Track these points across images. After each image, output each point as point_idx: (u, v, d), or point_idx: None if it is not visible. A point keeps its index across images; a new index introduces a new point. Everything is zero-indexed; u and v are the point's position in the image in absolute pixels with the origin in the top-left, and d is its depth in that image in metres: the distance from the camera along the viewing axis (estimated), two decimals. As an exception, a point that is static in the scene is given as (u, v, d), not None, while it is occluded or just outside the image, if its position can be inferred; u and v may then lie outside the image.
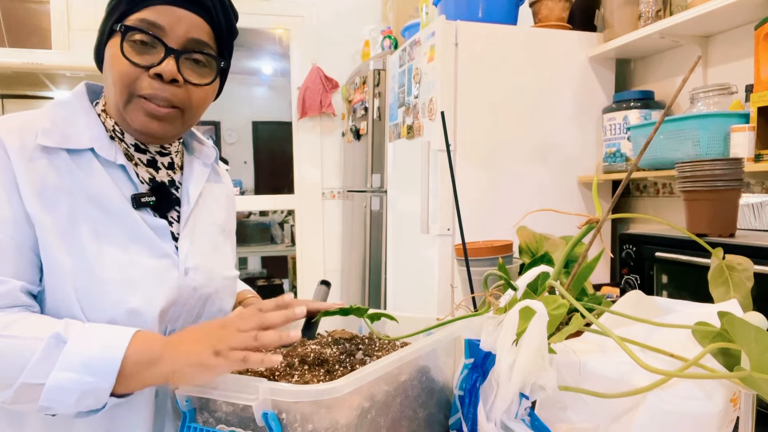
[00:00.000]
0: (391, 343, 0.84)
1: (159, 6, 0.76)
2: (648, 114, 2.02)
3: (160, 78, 0.77)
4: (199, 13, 0.79)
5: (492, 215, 2.09)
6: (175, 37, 0.77)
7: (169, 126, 0.81)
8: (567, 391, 0.58)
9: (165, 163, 0.88)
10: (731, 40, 1.85)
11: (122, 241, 0.78)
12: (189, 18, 0.78)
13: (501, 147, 2.14)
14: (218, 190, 0.98)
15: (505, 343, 0.59)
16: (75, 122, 0.80)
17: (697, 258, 1.28)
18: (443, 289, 2.11)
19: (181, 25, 0.77)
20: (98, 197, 0.77)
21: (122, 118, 0.80)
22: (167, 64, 0.76)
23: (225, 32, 0.84)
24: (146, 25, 0.76)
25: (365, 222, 3.06)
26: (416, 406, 0.74)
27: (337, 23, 3.63)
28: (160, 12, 0.76)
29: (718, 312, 0.54)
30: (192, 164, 0.93)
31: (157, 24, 0.76)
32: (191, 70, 0.80)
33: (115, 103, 0.80)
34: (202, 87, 0.82)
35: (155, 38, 0.76)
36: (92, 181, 0.78)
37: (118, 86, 0.77)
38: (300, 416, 0.59)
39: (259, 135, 5.88)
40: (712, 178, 1.28)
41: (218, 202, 0.96)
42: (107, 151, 0.80)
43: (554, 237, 0.97)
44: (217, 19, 0.81)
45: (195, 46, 0.79)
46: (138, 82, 0.77)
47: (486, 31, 2.10)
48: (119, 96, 0.78)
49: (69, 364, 0.64)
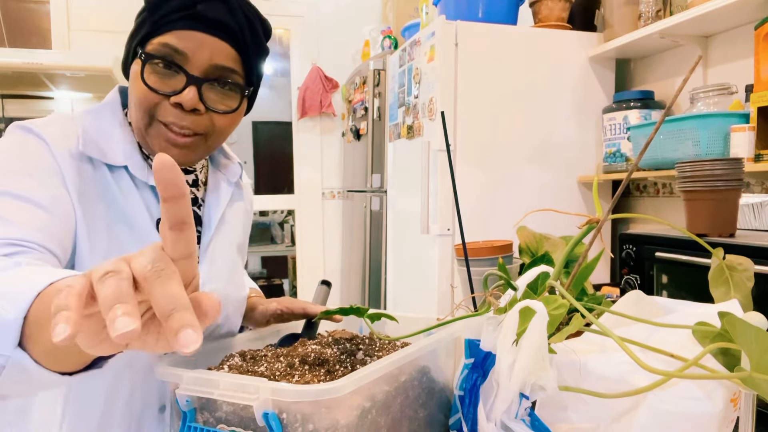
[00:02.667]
0: (392, 343, 0.84)
1: (182, 31, 0.73)
2: (648, 114, 2.03)
3: (181, 107, 0.75)
4: (223, 38, 0.75)
5: (492, 215, 2.10)
6: (198, 65, 0.74)
7: (190, 153, 0.79)
8: (567, 391, 0.58)
9: (189, 180, 0.87)
10: (731, 40, 1.85)
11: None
12: (213, 43, 0.74)
13: (501, 147, 2.14)
14: (239, 207, 0.96)
15: (505, 343, 0.59)
16: (110, 136, 0.79)
17: (697, 258, 1.28)
18: (443, 289, 2.11)
19: (204, 51, 0.74)
20: (129, 217, 0.77)
21: (144, 140, 0.79)
22: (188, 93, 0.74)
23: (253, 55, 0.80)
24: (168, 52, 0.73)
25: (365, 222, 3.06)
26: (416, 406, 0.74)
27: (337, 23, 3.64)
28: (183, 37, 0.73)
29: (718, 312, 0.54)
30: (217, 182, 0.91)
31: (179, 50, 0.73)
32: (215, 97, 0.77)
33: (136, 123, 0.79)
34: (228, 115, 0.79)
35: (175, 65, 0.74)
36: (125, 200, 0.77)
37: (139, 110, 0.76)
38: (300, 416, 0.59)
39: (259, 135, 5.87)
40: (712, 178, 1.28)
41: (238, 220, 0.95)
42: (140, 170, 0.79)
43: (554, 237, 0.97)
44: (244, 43, 0.77)
45: (219, 73, 0.76)
46: (159, 108, 0.75)
47: (486, 31, 2.10)
48: (140, 119, 0.77)
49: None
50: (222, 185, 0.91)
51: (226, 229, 0.90)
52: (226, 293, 0.87)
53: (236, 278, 0.92)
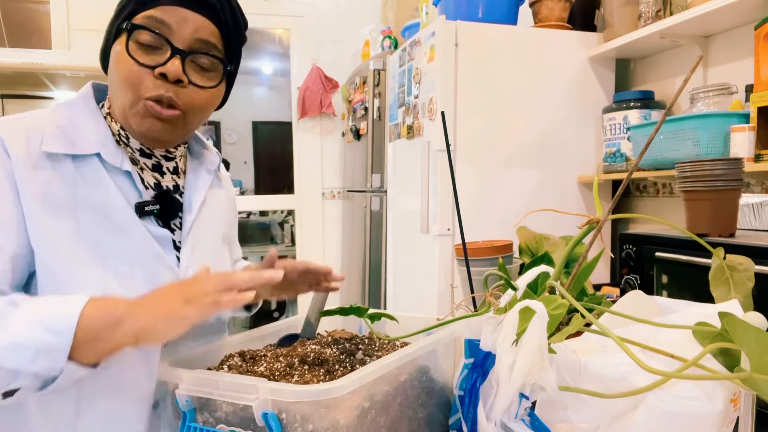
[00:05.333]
0: (391, 343, 0.84)
1: (167, 6, 0.76)
2: (648, 114, 2.02)
3: (165, 78, 0.76)
4: (206, 14, 0.78)
5: (492, 215, 2.09)
6: (182, 38, 0.76)
7: (171, 128, 0.80)
8: (567, 391, 0.58)
9: (170, 167, 0.88)
10: (731, 40, 1.85)
11: (125, 252, 0.77)
12: (196, 18, 0.77)
13: (501, 147, 2.14)
14: (220, 195, 0.97)
15: (505, 343, 0.59)
16: (81, 126, 0.79)
17: (697, 258, 1.28)
18: (443, 289, 2.11)
19: (188, 25, 0.77)
20: (102, 207, 0.77)
21: (127, 120, 0.80)
22: (172, 64, 0.75)
23: (233, 36, 0.83)
24: (153, 23, 0.75)
25: (365, 222, 3.06)
26: (416, 406, 0.74)
27: (337, 23, 3.64)
28: (168, 11, 0.76)
29: (718, 312, 0.54)
30: (196, 170, 0.92)
31: (164, 22, 0.75)
32: (196, 72, 0.79)
33: (120, 104, 0.79)
34: (207, 90, 0.80)
35: (161, 37, 0.75)
36: (97, 191, 0.77)
37: (123, 87, 0.77)
38: (300, 416, 0.59)
39: (259, 135, 5.88)
40: (712, 178, 1.28)
41: (221, 209, 0.96)
42: (113, 156, 0.79)
43: (554, 237, 0.97)
44: (225, 22, 0.80)
45: (202, 46, 0.78)
46: (143, 83, 0.76)
47: (486, 31, 2.10)
48: (125, 97, 0.77)
49: (24, 321, 0.63)
50: (201, 172, 0.92)
51: (207, 215, 0.91)
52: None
53: (220, 267, 0.92)
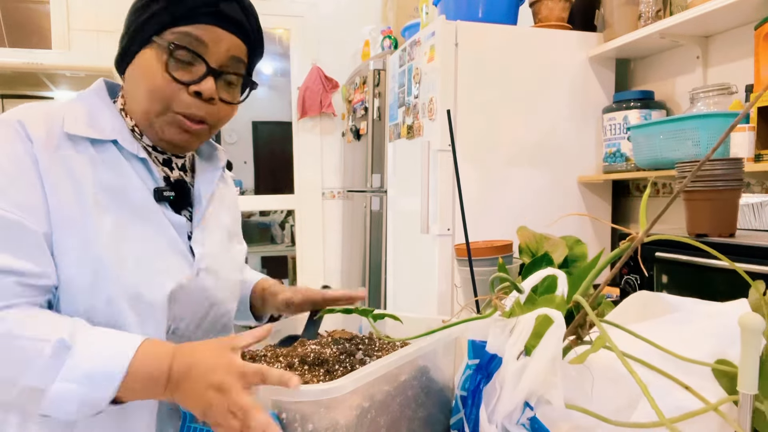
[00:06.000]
0: (391, 343, 0.84)
1: (203, 25, 0.77)
2: (648, 114, 2.02)
3: (199, 96, 0.78)
4: (237, 34, 0.80)
5: (491, 215, 2.09)
6: (216, 57, 0.78)
7: (196, 140, 0.83)
8: (568, 391, 0.58)
9: (179, 164, 0.89)
10: (731, 40, 1.85)
11: (144, 233, 0.78)
12: (229, 38, 0.79)
13: (501, 147, 2.14)
14: (226, 193, 0.99)
15: (514, 349, 0.59)
16: (97, 115, 0.80)
17: (697, 258, 1.28)
18: (443, 289, 2.11)
19: (222, 45, 0.78)
20: (122, 189, 0.77)
21: (151, 126, 0.80)
22: (207, 83, 0.77)
23: (257, 53, 0.86)
24: (192, 42, 0.77)
25: (365, 222, 3.06)
26: (416, 406, 0.74)
27: (337, 23, 3.64)
28: (205, 30, 0.77)
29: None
30: (203, 166, 0.93)
31: (202, 41, 0.77)
32: (224, 89, 0.82)
33: (144, 112, 0.79)
34: (232, 105, 0.83)
35: (199, 57, 0.77)
36: (116, 174, 0.78)
37: (152, 99, 0.78)
38: (300, 416, 0.59)
39: (259, 135, 5.87)
40: (712, 178, 1.28)
41: (226, 206, 0.97)
42: (130, 144, 0.80)
43: (554, 237, 0.97)
44: (252, 41, 0.83)
45: (232, 65, 0.81)
46: (176, 98, 0.77)
47: (486, 31, 2.10)
48: (151, 106, 0.78)
49: (72, 375, 0.63)
50: (210, 168, 0.94)
51: (216, 209, 0.92)
52: (218, 270, 0.88)
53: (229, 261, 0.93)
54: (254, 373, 0.60)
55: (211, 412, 0.60)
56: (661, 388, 0.54)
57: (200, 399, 0.61)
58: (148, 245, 0.78)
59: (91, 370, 0.64)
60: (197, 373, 0.63)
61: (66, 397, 0.63)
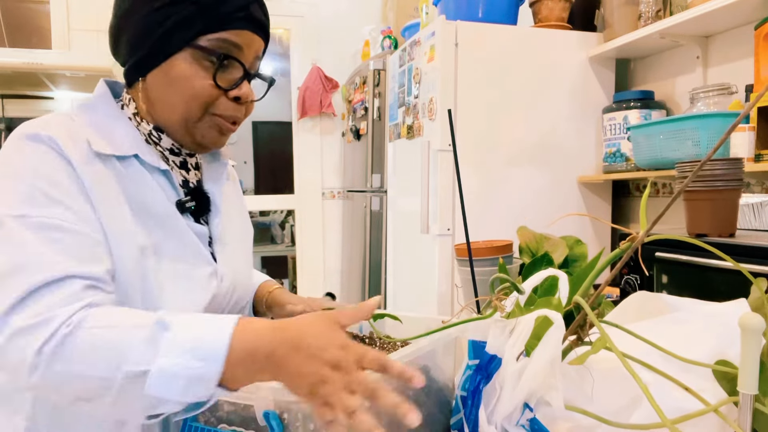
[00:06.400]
0: (391, 343, 0.84)
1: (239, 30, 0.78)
2: (648, 114, 2.03)
3: (238, 100, 0.80)
4: (262, 36, 0.82)
5: (491, 215, 2.10)
6: (248, 60, 0.81)
7: (227, 139, 0.85)
8: (568, 392, 0.58)
9: (193, 164, 0.88)
10: (731, 40, 1.85)
11: (174, 249, 0.78)
12: (257, 40, 0.81)
13: (500, 147, 2.14)
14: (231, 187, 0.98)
15: (514, 350, 0.59)
16: (111, 129, 0.78)
17: (697, 258, 1.28)
18: (443, 289, 2.11)
19: (253, 47, 0.81)
20: (149, 205, 0.77)
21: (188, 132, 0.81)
22: (245, 88, 0.80)
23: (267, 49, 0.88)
24: (233, 49, 0.78)
25: (365, 222, 3.06)
26: (416, 405, 0.74)
27: (337, 23, 3.64)
28: (240, 35, 0.78)
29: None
30: (210, 163, 0.93)
31: (239, 46, 0.78)
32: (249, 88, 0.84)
33: (183, 119, 0.79)
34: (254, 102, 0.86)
35: (238, 62, 0.79)
36: (142, 189, 0.77)
37: (194, 106, 0.78)
38: (301, 416, 0.60)
39: (259, 135, 5.87)
40: (712, 178, 1.28)
41: (235, 204, 0.97)
42: (150, 156, 0.79)
43: (554, 237, 0.97)
44: (268, 39, 0.85)
45: (257, 65, 0.84)
46: (216, 102, 0.79)
47: (486, 31, 2.10)
48: (193, 114, 0.78)
49: (175, 349, 0.59)
50: (216, 165, 0.93)
51: (229, 209, 0.93)
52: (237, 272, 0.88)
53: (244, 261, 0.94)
54: (373, 359, 0.59)
55: (324, 389, 0.56)
56: (661, 388, 0.54)
57: (312, 375, 0.57)
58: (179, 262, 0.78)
59: (193, 345, 0.59)
60: (308, 349, 0.58)
61: (173, 373, 0.58)
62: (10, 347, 0.59)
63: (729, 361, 0.55)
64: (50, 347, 0.58)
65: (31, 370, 0.58)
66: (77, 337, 0.59)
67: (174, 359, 0.58)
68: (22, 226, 0.65)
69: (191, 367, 0.58)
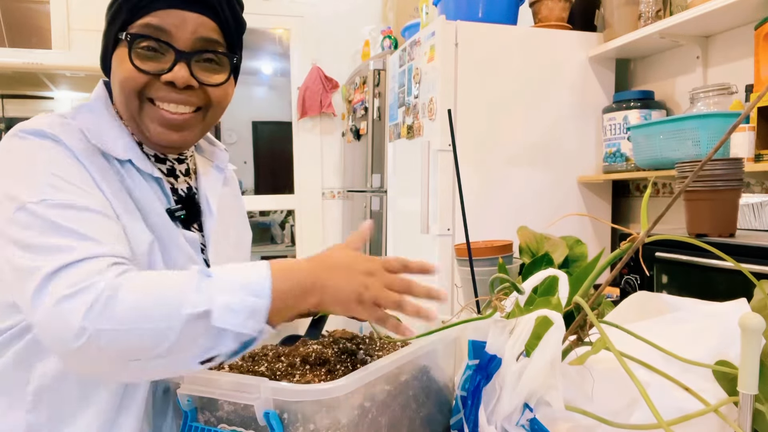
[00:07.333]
0: (392, 343, 0.84)
1: (162, 10, 0.74)
2: (648, 114, 2.03)
3: (173, 85, 0.75)
4: (203, 12, 0.76)
5: (492, 215, 2.10)
6: (183, 40, 0.75)
7: (190, 134, 0.80)
8: (568, 392, 0.58)
9: (182, 170, 0.87)
10: (731, 40, 1.85)
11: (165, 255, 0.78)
12: (194, 18, 0.75)
13: (500, 147, 2.14)
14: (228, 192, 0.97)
15: (514, 350, 0.59)
16: (108, 132, 0.78)
17: (697, 258, 1.29)
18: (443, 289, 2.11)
19: (187, 26, 0.75)
20: (144, 206, 0.77)
21: (139, 128, 0.79)
22: (179, 70, 0.75)
23: (233, 27, 0.81)
24: (152, 31, 0.74)
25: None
26: (416, 405, 0.75)
27: (337, 23, 3.64)
28: (164, 16, 0.74)
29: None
30: (207, 169, 0.91)
31: (163, 28, 0.74)
32: (204, 70, 0.78)
33: (128, 113, 0.78)
34: (219, 87, 0.80)
35: (163, 43, 0.74)
36: (140, 194, 0.77)
37: (127, 94, 0.76)
38: (301, 416, 0.60)
39: (259, 135, 5.88)
40: (712, 178, 1.28)
41: (232, 208, 0.96)
42: (143, 162, 0.79)
43: (554, 237, 0.97)
44: (224, 15, 0.79)
45: (205, 45, 0.77)
46: (149, 87, 0.76)
47: (486, 31, 2.10)
48: (131, 104, 0.77)
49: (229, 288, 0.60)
50: (212, 171, 0.92)
51: (224, 215, 0.91)
52: None
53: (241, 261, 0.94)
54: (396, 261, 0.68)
55: (368, 294, 0.64)
56: (661, 389, 0.54)
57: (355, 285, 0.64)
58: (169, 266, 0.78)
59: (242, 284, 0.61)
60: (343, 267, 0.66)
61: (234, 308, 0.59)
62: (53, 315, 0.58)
63: (729, 362, 0.55)
64: (97, 309, 0.57)
65: (78, 335, 0.57)
66: (122, 297, 0.59)
67: (231, 297, 0.60)
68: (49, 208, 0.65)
69: (250, 302, 0.60)
